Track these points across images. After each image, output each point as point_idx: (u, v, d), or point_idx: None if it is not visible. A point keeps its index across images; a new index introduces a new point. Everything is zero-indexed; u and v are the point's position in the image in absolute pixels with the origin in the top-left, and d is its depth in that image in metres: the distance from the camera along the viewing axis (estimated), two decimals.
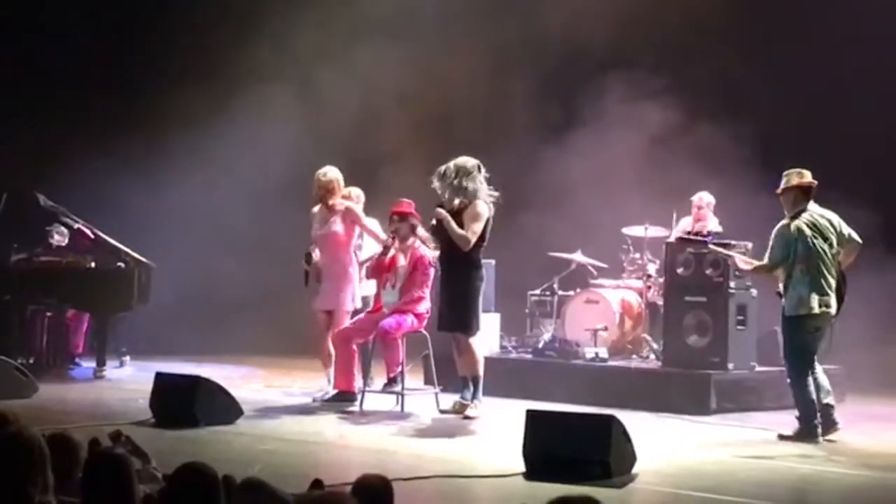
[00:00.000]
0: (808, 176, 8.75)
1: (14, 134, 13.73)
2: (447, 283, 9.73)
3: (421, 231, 9.91)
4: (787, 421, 8.89)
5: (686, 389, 10.18)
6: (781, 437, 8.66)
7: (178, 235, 13.52)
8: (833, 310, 8.63)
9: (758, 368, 10.41)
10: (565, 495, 3.48)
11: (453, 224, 9.44)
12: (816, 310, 8.56)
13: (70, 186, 12.76)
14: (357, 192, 10.78)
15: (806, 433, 8.58)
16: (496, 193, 9.62)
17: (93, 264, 12.34)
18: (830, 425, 8.65)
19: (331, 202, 10.27)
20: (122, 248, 12.25)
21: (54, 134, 13.96)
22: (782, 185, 8.78)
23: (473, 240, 9.43)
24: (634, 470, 7.15)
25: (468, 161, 9.54)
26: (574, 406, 9.19)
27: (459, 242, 9.45)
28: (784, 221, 8.68)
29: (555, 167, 12.69)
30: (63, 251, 12.52)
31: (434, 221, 9.58)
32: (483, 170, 9.57)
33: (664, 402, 10.05)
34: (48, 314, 12.50)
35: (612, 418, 7.21)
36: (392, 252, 9.94)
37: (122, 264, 12.23)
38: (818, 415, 8.59)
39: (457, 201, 9.48)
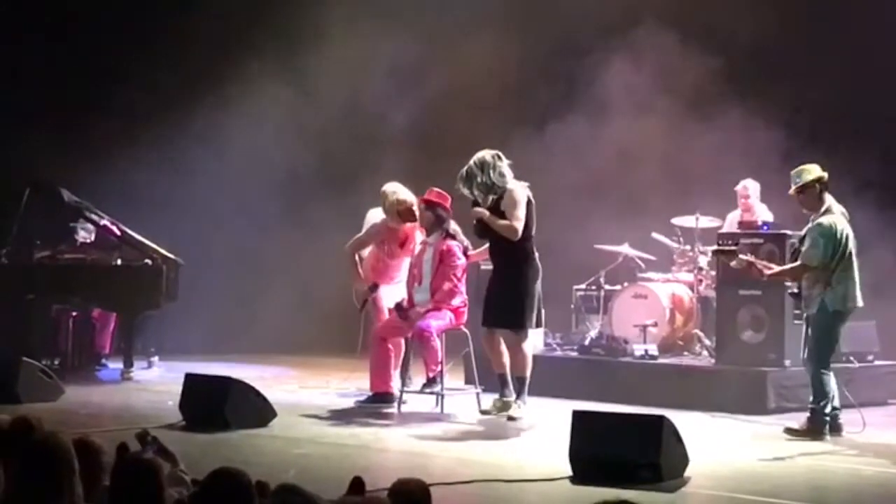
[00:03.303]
0: (819, 169, 8.86)
1: (36, 128, 13.83)
2: (499, 279, 9.65)
3: (453, 226, 9.92)
4: (851, 419, 8.86)
5: (741, 388, 10.13)
6: (789, 431, 8.72)
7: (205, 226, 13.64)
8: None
9: None
10: (605, 500, 3.47)
11: (495, 219, 9.44)
12: (860, 303, 8.79)
13: (94, 180, 12.85)
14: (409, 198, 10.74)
15: (815, 427, 8.66)
16: (525, 183, 9.62)
17: (119, 261, 12.43)
18: (837, 429, 8.79)
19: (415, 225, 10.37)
20: (150, 244, 12.31)
21: (76, 127, 14.06)
22: (800, 183, 8.83)
23: (520, 227, 9.40)
24: (687, 473, 7.13)
25: (486, 154, 9.51)
26: (623, 406, 9.16)
27: (507, 234, 9.43)
28: (824, 220, 8.72)
29: (597, 153, 12.63)
30: (88, 248, 12.60)
31: (475, 222, 9.58)
32: (503, 157, 9.55)
33: (718, 401, 10.00)
34: (73, 314, 12.60)
35: (662, 419, 7.18)
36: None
37: (149, 261, 12.30)
38: (830, 411, 8.72)
39: (490, 198, 9.48)
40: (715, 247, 9.78)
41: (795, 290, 9.02)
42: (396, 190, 10.39)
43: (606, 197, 12.48)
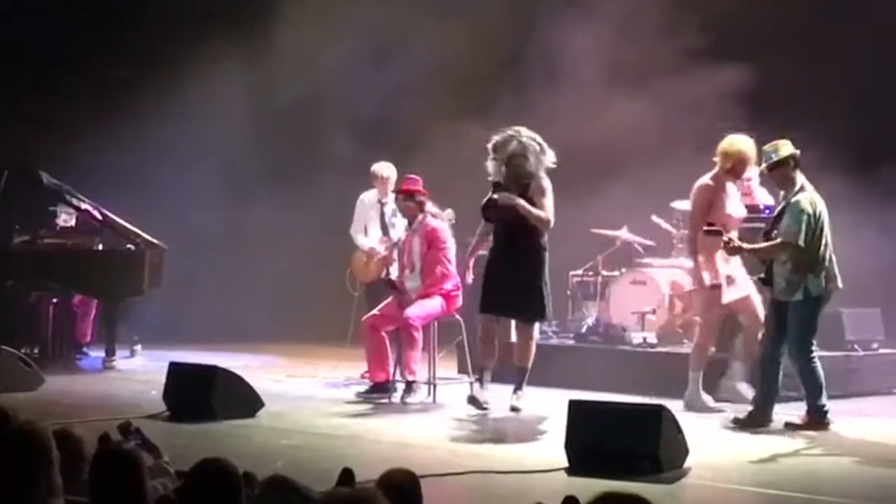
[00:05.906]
0: (791, 145, 8.84)
1: (15, 109, 13.78)
2: (515, 266, 9.42)
3: (430, 206, 9.93)
4: (852, 409, 8.89)
5: (743, 377, 10.10)
6: (789, 426, 8.68)
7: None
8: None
9: (820, 353, 10.33)
10: (608, 492, 3.46)
11: (531, 209, 9.23)
12: (840, 284, 8.73)
13: (74, 163, 12.79)
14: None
15: (816, 420, 8.66)
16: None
17: (101, 246, 12.40)
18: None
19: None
20: (132, 228, 12.28)
21: (59, 108, 14.02)
22: (775, 159, 8.80)
23: (553, 217, 9.30)
24: (687, 464, 7.14)
25: (538, 136, 9.35)
26: (620, 396, 9.16)
27: (542, 226, 9.32)
28: (801, 198, 8.68)
29: (596, 134, 12.57)
30: (69, 233, 12.57)
31: (488, 203, 9.24)
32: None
33: (719, 390, 9.98)
34: (54, 300, 12.58)
35: (661, 408, 7.19)
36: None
37: (131, 246, 12.28)
38: (826, 399, 8.69)
39: (523, 183, 9.22)
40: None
41: (763, 276, 8.95)
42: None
43: (604, 178, 12.43)
